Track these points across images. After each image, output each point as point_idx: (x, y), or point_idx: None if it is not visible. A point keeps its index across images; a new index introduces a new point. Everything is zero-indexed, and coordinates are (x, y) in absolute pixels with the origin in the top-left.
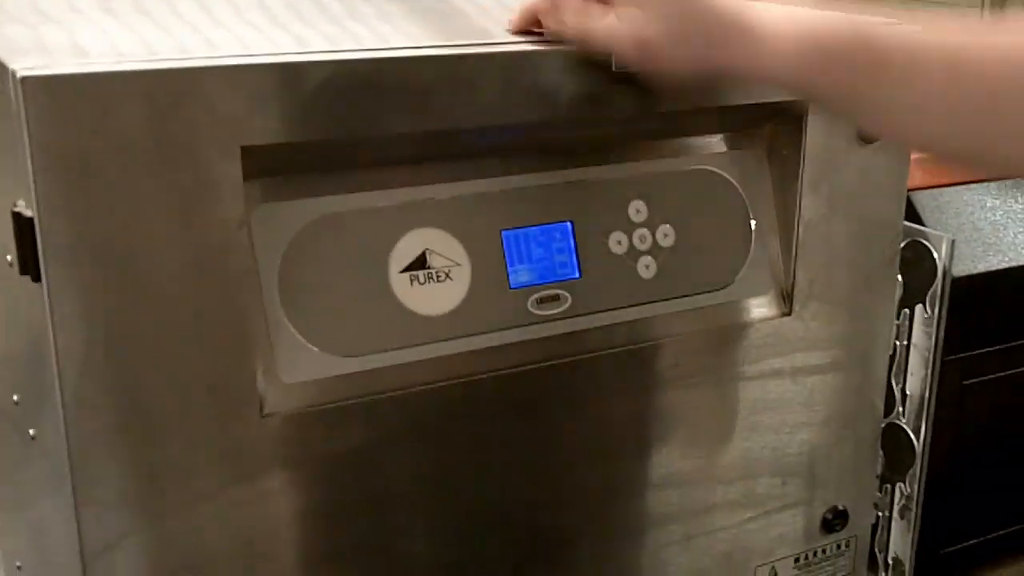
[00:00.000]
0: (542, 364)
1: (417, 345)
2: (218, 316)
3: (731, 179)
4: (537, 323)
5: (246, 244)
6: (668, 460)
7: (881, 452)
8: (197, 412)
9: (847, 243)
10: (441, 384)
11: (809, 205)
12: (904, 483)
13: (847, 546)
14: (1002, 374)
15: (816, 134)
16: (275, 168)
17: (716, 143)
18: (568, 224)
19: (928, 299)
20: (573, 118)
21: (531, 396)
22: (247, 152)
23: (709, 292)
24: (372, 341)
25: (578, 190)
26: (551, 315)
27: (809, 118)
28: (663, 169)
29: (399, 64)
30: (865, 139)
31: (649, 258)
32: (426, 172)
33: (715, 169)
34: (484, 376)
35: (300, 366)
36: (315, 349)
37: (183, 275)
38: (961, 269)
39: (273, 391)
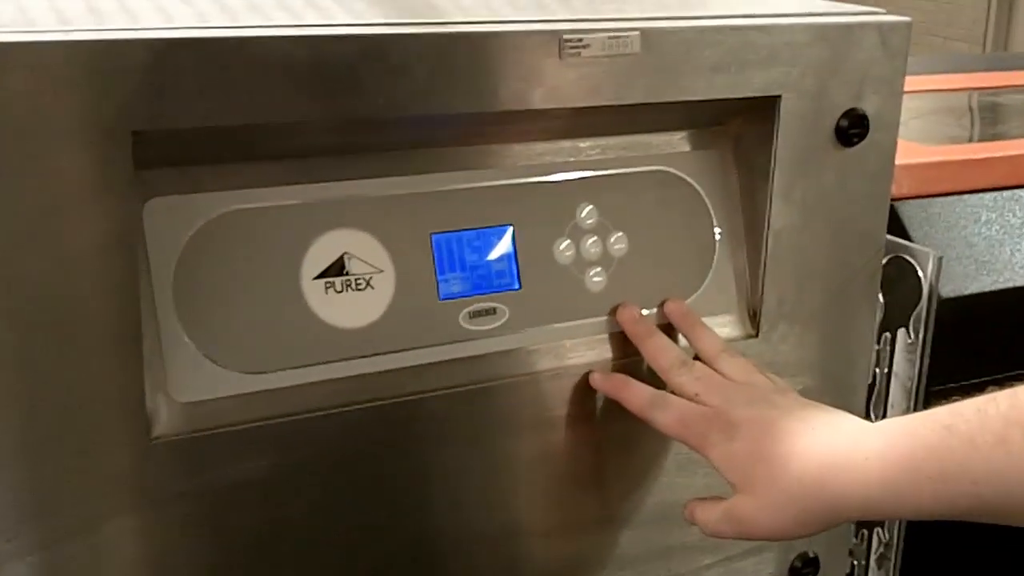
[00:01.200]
0: (475, 386)
1: (332, 362)
2: (103, 325)
3: (693, 182)
4: (470, 339)
5: (137, 242)
6: (617, 495)
7: None
8: (79, 434)
9: (822, 257)
10: (359, 407)
11: (780, 213)
12: (882, 529)
13: None
14: None
15: (789, 133)
16: (172, 157)
17: (677, 141)
18: (508, 228)
19: (912, 322)
20: (517, 109)
21: (461, 421)
22: (140, 137)
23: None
24: (280, 356)
25: (520, 190)
26: (486, 331)
27: (781, 114)
28: (617, 169)
29: (317, 43)
30: None
31: (599, 269)
32: (347, 166)
33: (675, 171)
34: (408, 399)
35: (196, 383)
36: (214, 364)
37: (63, 277)
38: (950, 289)
39: (165, 411)
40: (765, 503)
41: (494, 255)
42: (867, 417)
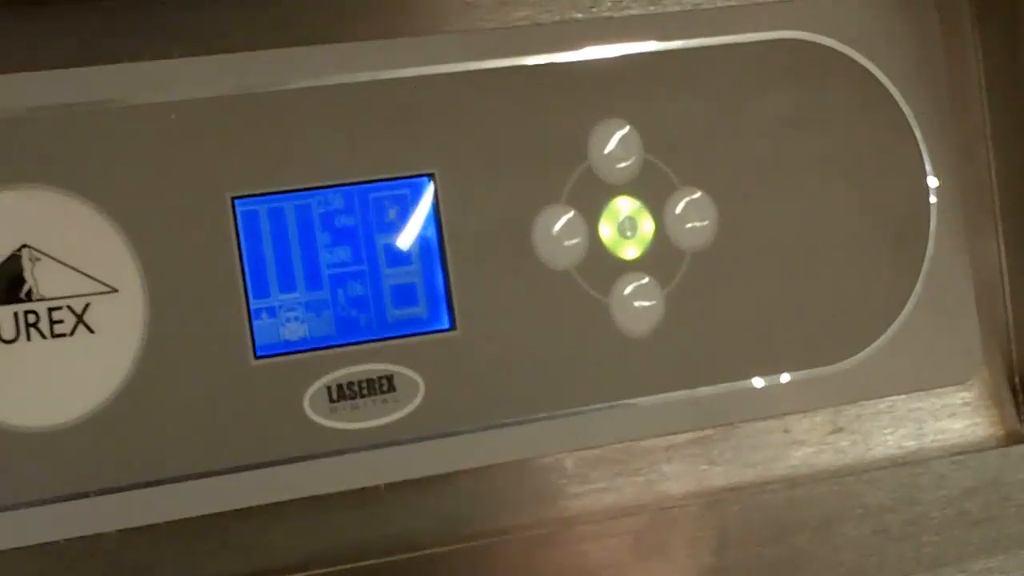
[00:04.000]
0: (343, 568)
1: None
2: None
3: (873, 67)
4: (329, 455)
5: None
6: None
7: None
8: None
9: None
10: None
11: None
12: None
13: None
14: None
15: None
16: None
17: None
18: (425, 184)
19: None
20: None
21: None
22: None
23: (807, 370)
24: None
25: (455, 96)
26: (368, 432)
27: None
28: (688, 40)
29: None
30: None
31: (645, 280)
32: (28, 47)
33: (829, 41)
34: None
35: None
36: None
37: None
38: None
39: None
40: None
41: (390, 248)
42: None
